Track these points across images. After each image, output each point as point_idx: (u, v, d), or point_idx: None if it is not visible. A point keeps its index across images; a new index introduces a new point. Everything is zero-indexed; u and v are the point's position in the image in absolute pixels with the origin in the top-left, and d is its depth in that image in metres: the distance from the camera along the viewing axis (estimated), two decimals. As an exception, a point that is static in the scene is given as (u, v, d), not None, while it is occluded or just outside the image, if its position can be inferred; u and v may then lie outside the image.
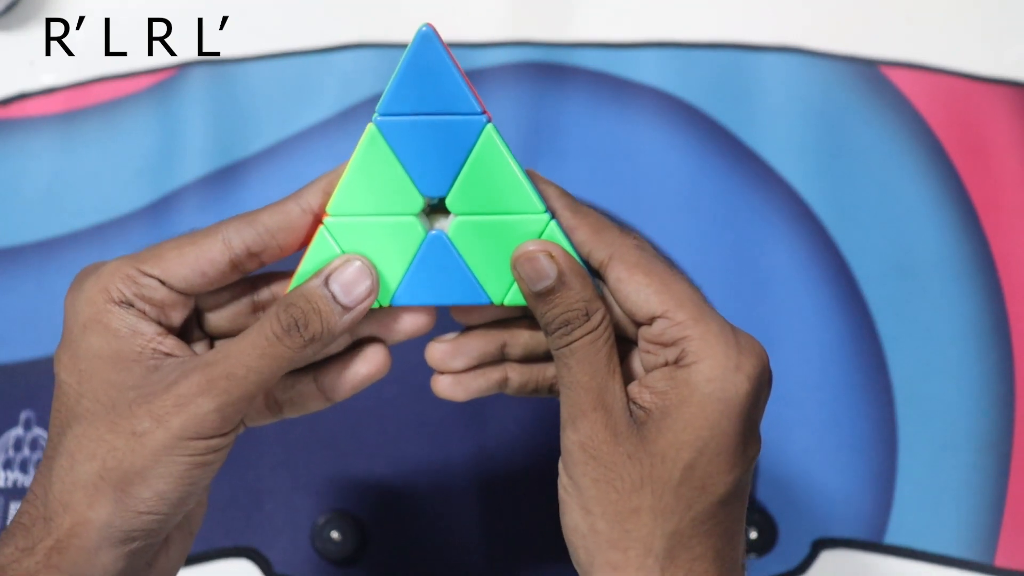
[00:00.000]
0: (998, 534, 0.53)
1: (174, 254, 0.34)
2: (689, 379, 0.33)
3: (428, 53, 0.34)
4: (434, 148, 0.34)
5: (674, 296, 0.34)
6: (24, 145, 0.59)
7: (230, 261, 0.35)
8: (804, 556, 0.53)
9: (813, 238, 0.57)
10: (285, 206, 0.35)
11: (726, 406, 0.33)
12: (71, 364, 0.34)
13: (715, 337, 0.33)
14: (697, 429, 0.33)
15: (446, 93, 0.34)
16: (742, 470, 0.34)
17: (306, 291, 0.34)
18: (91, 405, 0.33)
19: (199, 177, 0.58)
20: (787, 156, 0.58)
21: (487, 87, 0.59)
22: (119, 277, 0.34)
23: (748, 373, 0.33)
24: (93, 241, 0.57)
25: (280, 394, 0.38)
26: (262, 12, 0.61)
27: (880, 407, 0.55)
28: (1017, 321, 0.56)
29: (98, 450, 0.33)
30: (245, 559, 0.53)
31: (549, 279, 0.34)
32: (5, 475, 0.54)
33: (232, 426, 0.34)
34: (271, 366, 0.34)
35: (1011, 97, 0.59)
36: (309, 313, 0.34)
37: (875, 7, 0.61)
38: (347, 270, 0.35)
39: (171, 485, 0.33)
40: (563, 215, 0.36)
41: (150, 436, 0.33)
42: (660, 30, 0.61)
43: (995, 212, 0.57)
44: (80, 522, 0.33)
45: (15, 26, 0.61)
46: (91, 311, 0.34)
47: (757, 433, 0.35)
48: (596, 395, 0.33)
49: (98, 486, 0.33)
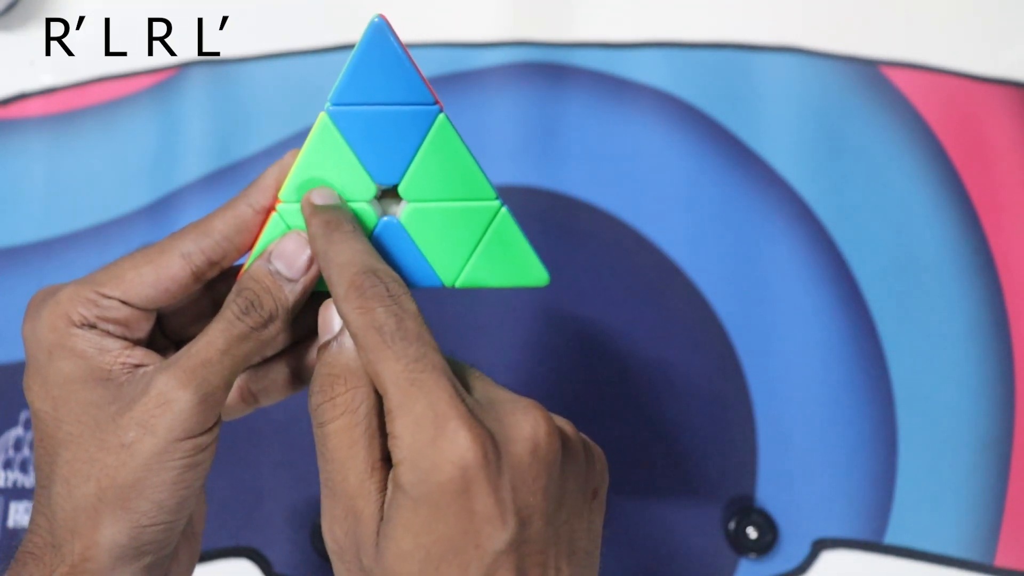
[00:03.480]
0: (998, 534, 0.53)
1: (132, 275, 0.34)
2: (394, 478, 0.30)
3: (381, 44, 0.34)
4: (386, 137, 0.34)
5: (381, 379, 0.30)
6: (24, 145, 0.59)
7: (192, 274, 0.35)
8: (804, 556, 0.53)
9: (813, 238, 0.57)
10: (237, 210, 0.35)
11: (429, 508, 0.29)
12: (42, 391, 0.34)
13: (413, 426, 0.29)
14: (417, 537, 0.29)
15: (398, 83, 0.34)
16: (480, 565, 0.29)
17: (253, 272, 0.35)
18: (72, 428, 0.33)
19: (199, 177, 0.58)
20: (787, 156, 0.58)
21: (487, 87, 0.59)
22: (79, 301, 0.34)
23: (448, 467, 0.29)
24: (93, 241, 0.57)
25: (254, 384, 0.38)
26: (262, 12, 0.61)
27: (880, 407, 0.55)
28: (1017, 321, 0.56)
29: (91, 471, 0.33)
30: (245, 559, 0.53)
31: (330, 333, 0.33)
32: (5, 475, 0.54)
33: (215, 419, 0.34)
34: (242, 348, 0.34)
35: (1011, 97, 0.59)
36: (260, 293, 0.34)
37: (875, 7, 0.61)
38: (286, 244, 0.35)
39: (167, 492, 0.33)
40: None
41: (138, 445, 0.32)
42: (660, 30, 0.61)
43: (995, 212, 0.57)
44: (90, 545, 0.33)
45: (15, 26, 0.61)
46: (54, 337, 0.34)
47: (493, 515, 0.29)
48: (347, 500, 0.31)
49: (98, 508, 0.33)
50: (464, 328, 0.55)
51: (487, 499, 0.29)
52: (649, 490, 0.54)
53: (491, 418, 0.30)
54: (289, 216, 0.35)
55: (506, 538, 0.29)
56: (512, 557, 0.29)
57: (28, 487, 0.54)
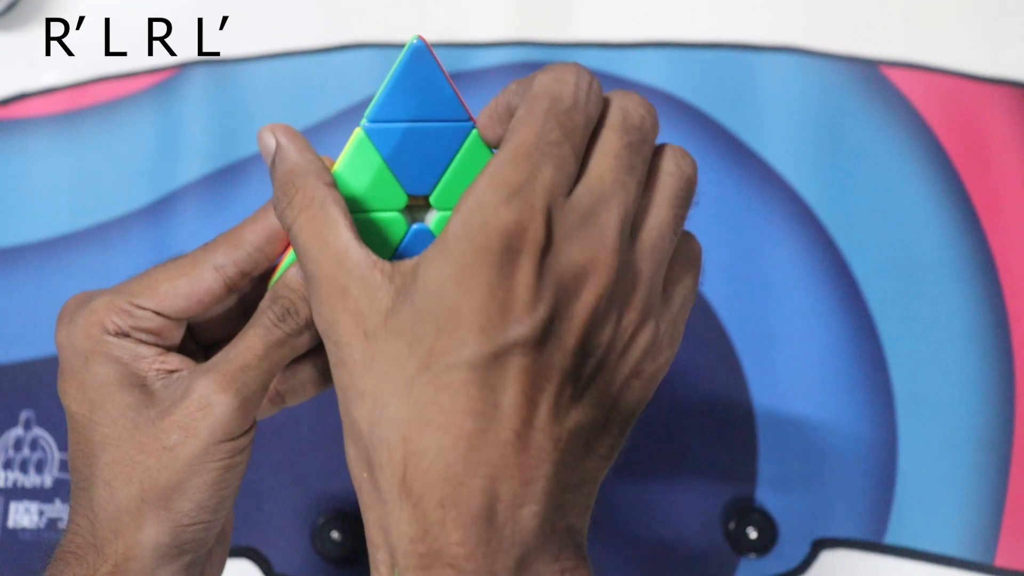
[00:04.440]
0: (998, 534, 0.53)
1: (167, 287, 0.35)
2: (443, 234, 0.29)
3: (420, 66, 0.34)
4: (420, 151, 0.35)
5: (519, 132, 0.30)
6: (24, 145, 0.59)
7: (224, 286, 0.35)
8: (804, 556, 0.53)
9: (813, 238, 0.57)
10: (267, 220, 0.36)
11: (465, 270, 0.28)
12: (79, 395, 0.35)
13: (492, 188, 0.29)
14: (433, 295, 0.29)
15: (436, 102, 0.35)
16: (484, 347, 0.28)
17: (288, 281, 0.35)
18: (110, 431, 0.34)
19: (199, 177, 0.58)
20: (787, 156, 0.58)
21: (487, 87, 0.59)
22: (113, 311, 0.35)
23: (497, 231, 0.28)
24: (93, 241, 0.57)
25: (282, 385, 0.39)
26: (262, 12, 0.61)
27: (880, 407, 0.55)
28: (1017, 321, 0.56)
29: (133, 473, 0.33)
30: (245, 559, 0.53)
31: (269, 154, 0.34)
32: (5, 475, 0.54)
33: (251, 421, 0.35)
34: (279, 352, 0.34)
35: (1011, 97, 0.59)
36: (296, 301, 0.35)
37: (875, 7, 0.61)
38: None
39: (207, 493, 0.34)
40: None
41: (181, 448, 0.33)
42: (660, 30, 0.61)
43: (995, 212, 0.57)
44: (133, 545, 0.33)
45: (15, 26, 0.61)
46: (89, 344, 0.34)
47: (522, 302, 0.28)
48: (328, 280, 0.31)
49: (141, 508, 0.33)
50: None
51: (527, 277, 0.28)
52: (649, 490, 0.54)
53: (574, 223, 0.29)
54: None
55: (529, 327, 0.28)
56: (528, 356, 0.28)
57: (28, 487, 0.54)
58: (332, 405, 0.59)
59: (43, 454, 0.54)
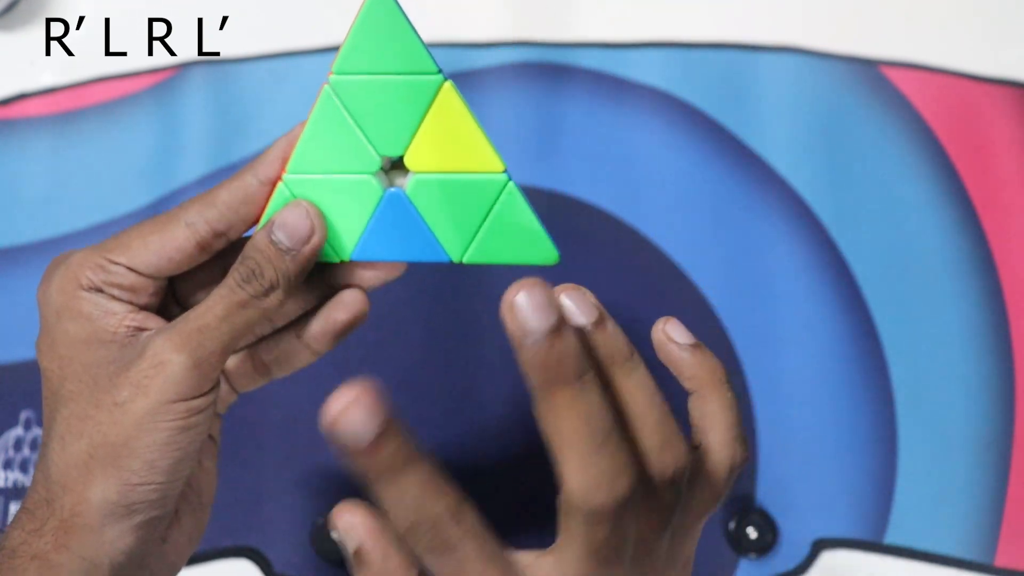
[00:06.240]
0: (998, 534, 0.53)
1: (139, 243, 0.35)
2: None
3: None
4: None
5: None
6: (24, 145, 0.59)
7: (196, 244, 0.35)
8: (804, 556, 0.53)
9: (813, 238, 0.57)
10: (243, 180, 0.36)
11: None
12: (50, 351, 0.35)
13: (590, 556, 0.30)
14: None
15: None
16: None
17: (256, 242, 0.35)
18: (74, 387, 0.34)
19: (199, 177, 0.58)
20: (787, 156, 0.58)
21: (487, 87, 0.59)
22: (88, 266, 0.35)
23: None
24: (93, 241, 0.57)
25: (265, 355, 0.39)
26: (262, 12, 0.61)
27: (880, 407, 0.55)
28: (1017, 321, 0.56)
29: (85, 428, 0.34)
30: (245, 559, 0.53)
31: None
32: (5, 475, 0.54)
33: (210, 384, 0.34)
34: (241, 316, 0.34)
35: (1011, 97, 0.59)
36: (262, 262, 0.35)
37: (875, 7, 0.61)
38: (288, 215, 0.35)
39: (157, 453, 0.34)
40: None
41: (131, 404, 0.33)
42: (660, 30, 0.61)
43: (995, 212, 0.57)
44: (79, 501, 0.33)
45: (15, 26, 0.61)
46: (62, 299, 0.35)
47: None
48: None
49: (88, 464, 0.33)
50: (463, 327, 0.55)
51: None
52: (649, 490, 0.54)
53: None
54: (295, 186, 0.35)
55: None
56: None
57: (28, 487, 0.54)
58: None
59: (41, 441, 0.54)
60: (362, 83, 0.34)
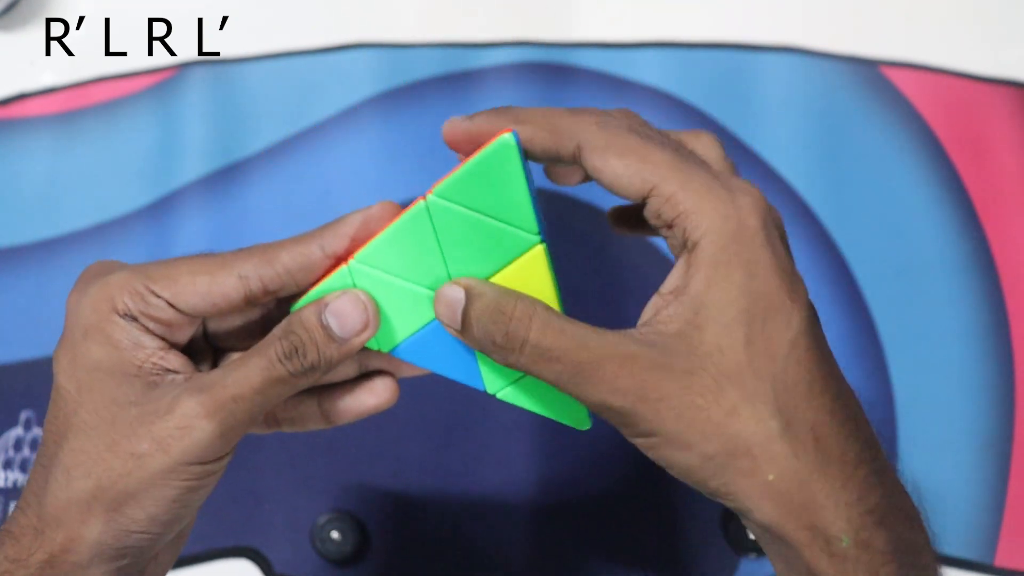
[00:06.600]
0: (998, 534, 0.53)
1: (187, 280, 0.33)
2: (702, 259, 0.31)
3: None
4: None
5: (655, 169, 0.32)
6: (24, 145, 0.59)
7: (245, 297, 0.34)
8: (804, 556, 0.53)
9: (813, 238, 0.57)
10: (308, 248, 0.34)
11: (747, 267, 0.30)
12: (70, 369, 0.34)
13: (709, 202, 0.31)
14: (732, 303, 0.30)
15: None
16: (800, 317, 0.31)
17: (304, 320, 0.34)
18: (89, 418, 0.33)
19: (199, 177, 0.58)
20: (787, 156, 0.58)
21: (487, 87, 0.59)
22: (127, 291, 0.33)
23: (750, 218, 0.31)
24: (93, 241, 0.57)
25: (281, 413, 0.38)
26: (262, 12, 0.61)
27: (880, 407, 0.55)
28: (1017, 321, 0.56)
29: (95, 468, 0.33)
30: (245, 559, 0.53)
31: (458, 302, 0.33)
32: (5, 475, 0.54)
33: (230, 448, 0.34)
34: (275, 389, 0.33)
35: (1011, 97, 0.59)
36: (307, 343, 0.33)
37: (875, 7, 0.61)
38: (344, 303, 0.34)
39: (164, 508, 0.33)
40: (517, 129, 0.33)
41: (149, 459, 0.32)
42: (660, 30, 0.61)
43: (995, 212, 0.57)
44: (73, 538, 0.33)
45: (15, 26, 0.61)
46: (94, 319, 0.33)
47: (792, 271, 0.32)
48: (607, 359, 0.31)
49: (91, 505, 0.33)
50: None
51: (781, 253, 0.31)
52: (649, 490, 0.54)
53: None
54: (358, 276, 0.34)
55: (803, 285, 0.31)
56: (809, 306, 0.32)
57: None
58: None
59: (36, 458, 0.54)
60: (460, 213, 0.33)
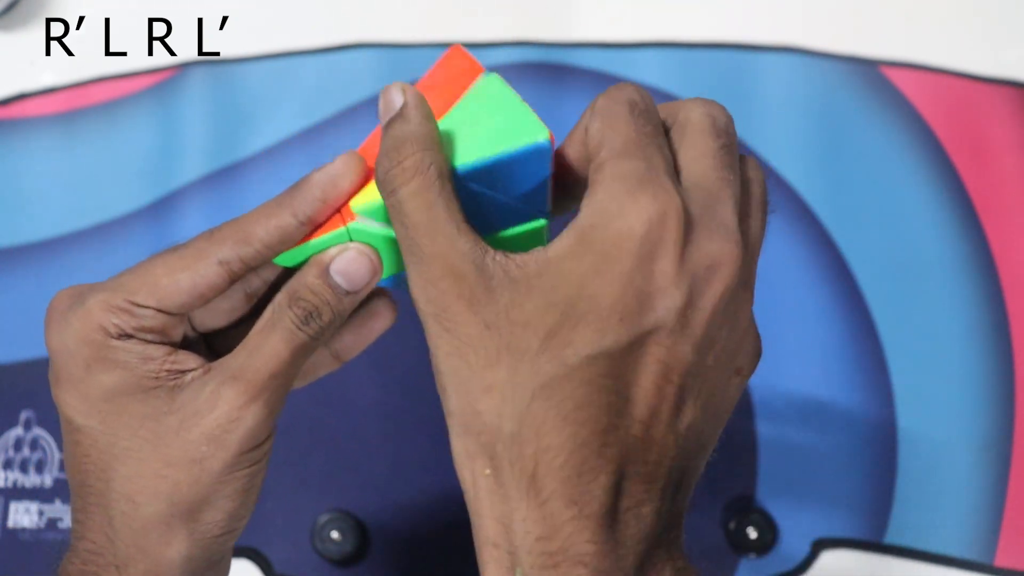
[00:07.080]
0: (998, 534, 0.53)
1: (167, 281, 0.33)
2: (573, 228, 0.28)
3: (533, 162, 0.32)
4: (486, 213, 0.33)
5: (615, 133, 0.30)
6: (24, 145, 0.59)
7: (229, 281, 0.34)
8: (804, 556, 0.53)
9: (813, 238, 0.57)
10: (281, 220, 0.33)
11: (603, 260, 0.28)
12: (83, 406, 0.33)
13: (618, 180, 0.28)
14: (567, 286, 0.28)
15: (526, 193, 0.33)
16: (622, 336, 0.27)
17: (310, 284, 0.34)
18: (130, 444, 0.32)
19: (199, 177, 0.58)
20: (787, 156, 0.58)
21: (487, 87, 0.59)
22: (111, 311, 0.32)
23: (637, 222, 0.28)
24: (93, 241, 0.57)
25: None
26: (262, 12, 0.61)
27: (880, 407, 0.55)
28: (1017, 321, 0.56)
29: (160, 487, 0.32)
30: (245, 559, 0.53)
31: (393, 111, 0.31)
32: (5, 475, 0.54)
33: (276, 421, 0.34)
34: (302, 355, 0.34)
35: (1011, 97, 0.59)
36: (320, 305, 0.33)
37: (875, 7, 0.61)
38: (348, 260, 0.34)
39: (237, 501, 0.33)
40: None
41: (211, 460, 0.32)
42: (660, 30, 0.61)
43: (995, 212, 0.57)
44: (160, 562, 0.32)
45: (15, 26, 0.61)
46: (90, 351, 0.32)
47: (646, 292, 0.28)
48: (441, 260, 0.29)
49: (170, 524, 0.32)
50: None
51: (670, 264, 0.28)
52: (649, 490, 0.54)
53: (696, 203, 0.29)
54: (357, 234, 0.34)
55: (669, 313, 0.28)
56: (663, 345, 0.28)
57: (28, 487, 0.54)
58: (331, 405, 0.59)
59: (43, 454, 0.54)
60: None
